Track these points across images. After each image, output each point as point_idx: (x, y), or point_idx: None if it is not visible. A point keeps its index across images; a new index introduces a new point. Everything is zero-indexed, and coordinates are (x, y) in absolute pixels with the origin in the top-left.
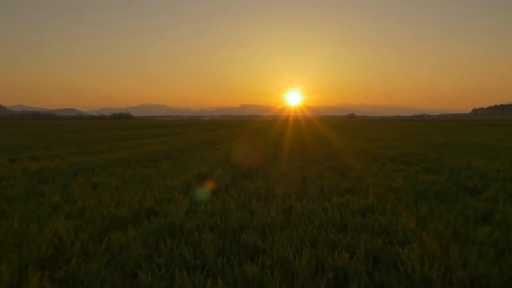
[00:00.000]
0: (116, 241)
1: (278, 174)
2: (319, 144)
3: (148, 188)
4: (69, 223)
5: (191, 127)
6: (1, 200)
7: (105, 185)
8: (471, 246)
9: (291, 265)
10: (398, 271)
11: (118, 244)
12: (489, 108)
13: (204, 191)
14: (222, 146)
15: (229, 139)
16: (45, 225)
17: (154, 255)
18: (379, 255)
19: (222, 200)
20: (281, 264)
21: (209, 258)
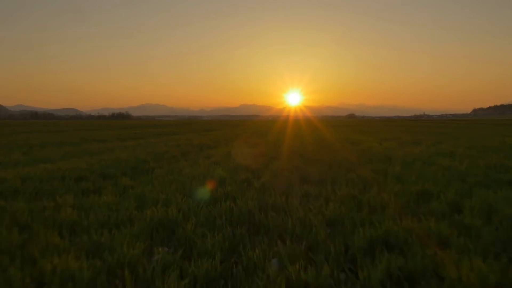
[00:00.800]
0: None
1: (323, 219)
2: (348, 150)
3: None
4: None
5: (188, 126)
6: None
7: None
8: None
9: None
10: None
11: None
12: (489, 108)
13: None
14: (216, 151)
15: (227, 141)
16: None
17: None
18: None
19: None
20: None
21: None
